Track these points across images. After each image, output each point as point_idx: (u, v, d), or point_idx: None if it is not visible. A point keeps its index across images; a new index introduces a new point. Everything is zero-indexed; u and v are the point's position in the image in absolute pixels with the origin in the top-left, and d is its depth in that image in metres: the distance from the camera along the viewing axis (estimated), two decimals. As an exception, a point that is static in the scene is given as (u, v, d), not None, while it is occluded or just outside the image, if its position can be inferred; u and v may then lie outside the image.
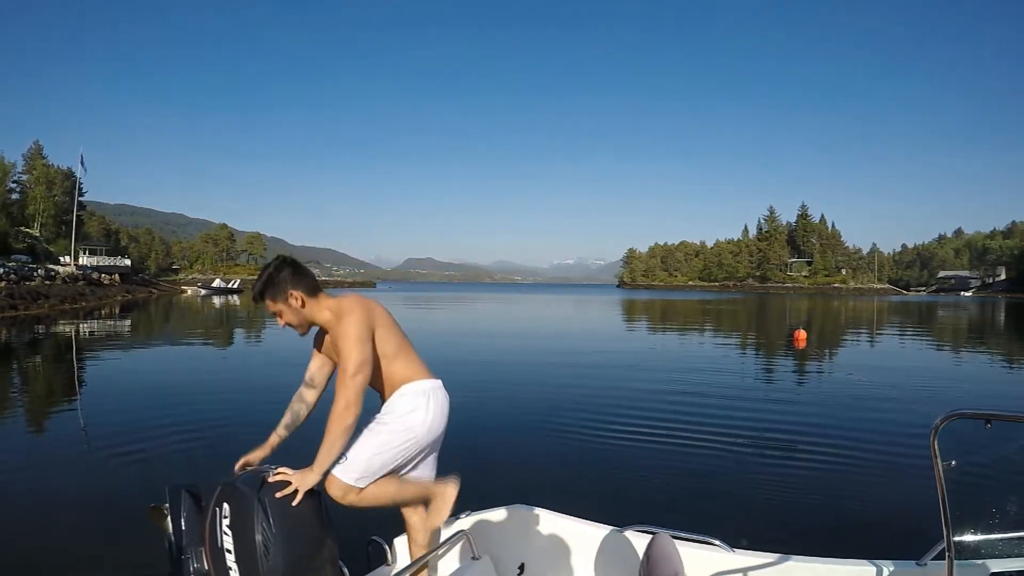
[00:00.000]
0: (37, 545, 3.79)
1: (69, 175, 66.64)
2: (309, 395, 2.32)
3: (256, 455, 2.20)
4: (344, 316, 2.09)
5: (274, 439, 2.26)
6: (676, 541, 2.17)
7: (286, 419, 2.29)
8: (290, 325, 2.19)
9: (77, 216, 58.21)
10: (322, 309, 2.16)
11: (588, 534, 2.56)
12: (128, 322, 25.31)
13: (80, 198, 62.95)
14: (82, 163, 57.01)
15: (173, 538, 1.96)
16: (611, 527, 2.53)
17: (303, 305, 2.15)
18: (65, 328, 21.02)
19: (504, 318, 31.21)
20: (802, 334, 18.45)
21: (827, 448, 6.18)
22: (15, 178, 65.74)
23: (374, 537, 2.39)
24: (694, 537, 2.28)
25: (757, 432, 6.86)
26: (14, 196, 64.90)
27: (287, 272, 2.15)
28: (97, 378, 11.18)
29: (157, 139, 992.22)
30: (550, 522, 2.64)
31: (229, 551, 1.80)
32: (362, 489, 2.10)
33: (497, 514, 2.68)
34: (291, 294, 2.13)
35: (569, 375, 11.34)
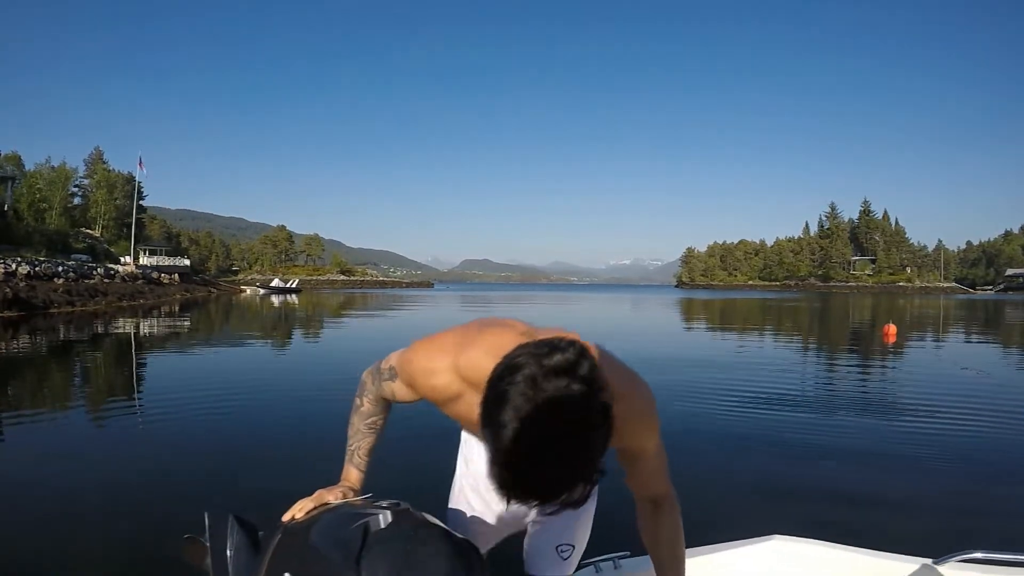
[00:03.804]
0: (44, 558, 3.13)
1: (130, 180, 69.18)
2: (385, 412, 1.47)
3: (333, 495, 1.34)
4: (653, 424, 1.23)
5: (353, 473, 1.44)
6: (1009, 567, 1.74)
7: (368, 440, 1.46)
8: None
9: (137, 218, 59.95)
10: None
11: (890, 571, 1.86)
12: (187, 319, 25.53)
13: (140, 201, 64.99)
14: (141, 164, 58.79)
15: None
16: (922, 559, 1.86)
17: None
18: (120, 323, 21.13)
19: (589, 317, 29.79)
20: (892, 328, 17.60)
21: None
22: (77, 182, 68.55)
23: None
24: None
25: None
26: (76, 200, 67.59)
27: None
28: (146, 374, 10.55)
29: (217, 146, 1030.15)
30: (827, 557, 1.94)
31: None
32: None
33: (747, 550, 1.99)
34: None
35: (710, 375, 9.80)
